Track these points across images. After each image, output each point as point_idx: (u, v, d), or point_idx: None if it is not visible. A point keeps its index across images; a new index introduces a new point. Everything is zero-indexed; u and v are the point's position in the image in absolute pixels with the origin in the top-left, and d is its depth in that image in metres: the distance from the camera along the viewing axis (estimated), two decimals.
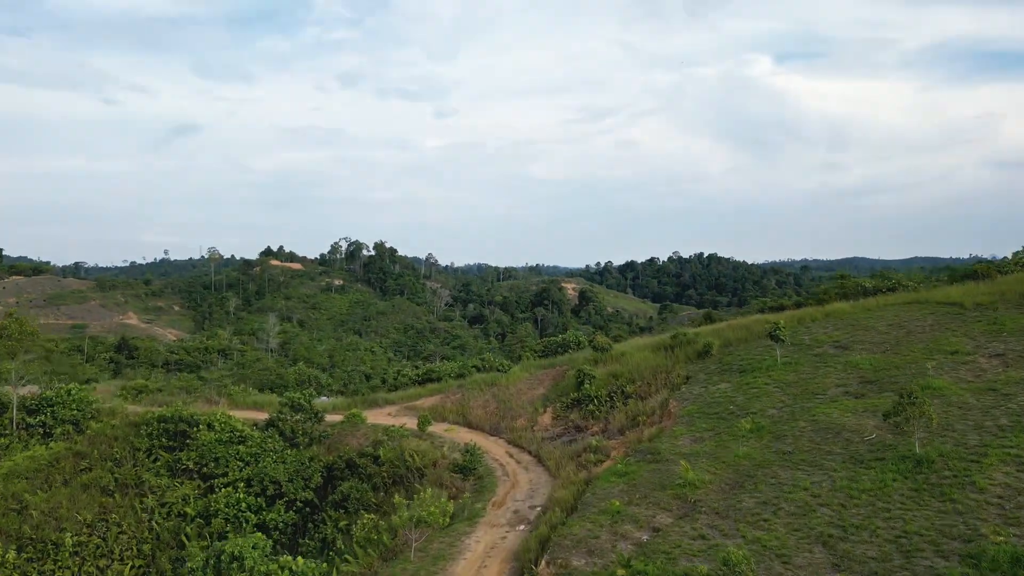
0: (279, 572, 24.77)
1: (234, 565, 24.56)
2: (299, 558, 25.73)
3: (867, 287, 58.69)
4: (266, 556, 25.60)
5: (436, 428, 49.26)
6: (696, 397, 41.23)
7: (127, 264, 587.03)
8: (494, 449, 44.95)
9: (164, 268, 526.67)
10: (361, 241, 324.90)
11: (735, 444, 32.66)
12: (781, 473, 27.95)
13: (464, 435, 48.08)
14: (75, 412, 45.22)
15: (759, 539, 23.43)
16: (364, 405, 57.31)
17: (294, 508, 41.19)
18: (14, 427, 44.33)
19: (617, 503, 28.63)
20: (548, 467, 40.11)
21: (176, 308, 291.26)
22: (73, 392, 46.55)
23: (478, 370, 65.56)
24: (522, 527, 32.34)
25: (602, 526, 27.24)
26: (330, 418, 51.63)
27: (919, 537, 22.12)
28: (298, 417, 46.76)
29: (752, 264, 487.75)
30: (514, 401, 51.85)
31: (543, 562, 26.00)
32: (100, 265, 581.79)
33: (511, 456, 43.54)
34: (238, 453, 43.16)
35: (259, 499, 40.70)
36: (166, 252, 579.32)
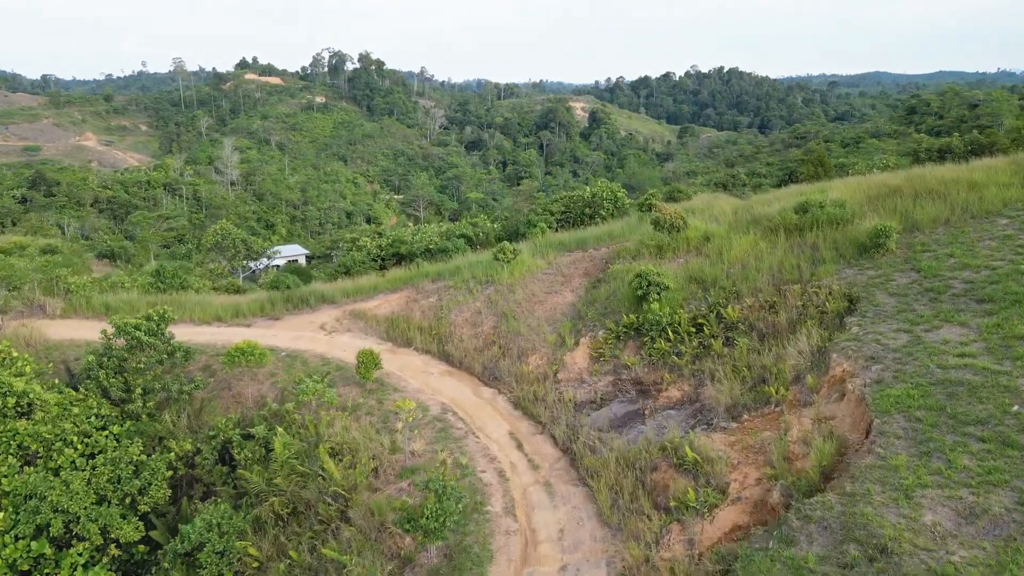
0: None
1: None
2: None
3: None
4: None
5: (393, 363, 29.08)
6: (896, 355, 20.23)
7: (104, 78, 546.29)
8: (487, 424, 24.86)
9: (142, 82, 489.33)
10: (344, 52, 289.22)
11: None
12: None
13: (437, 384, 27.87)
14: None
15: None
16: (288, 305, 36.73)
17: (106, 557, 21.75)
18: None
19: None
20: (595, 496, 20.22)
21: (143, 128, 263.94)
22: None
23: (468, 243, 44.34)
24: None
25: None
26: (215, 336, 31.26)
27: None
28: (140, 360, 26.12)
29: (775, 80, 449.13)
30: (523, 315, 31.06)
31: None
32: (78, 78, 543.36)
33: (518, 444, 23.54)
34: (12, 439, 23.02)
35: (37, 542, 21.15)
36: (144, 64, 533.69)
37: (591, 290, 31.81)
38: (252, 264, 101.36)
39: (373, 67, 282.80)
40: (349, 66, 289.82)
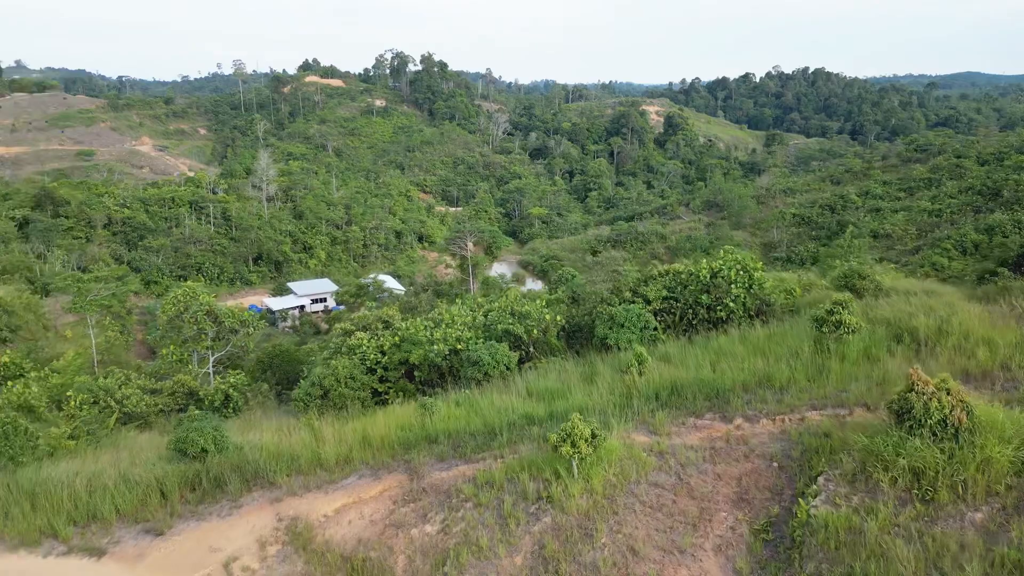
0: None
1: None
2: None
3: None
4: None
5: None
6: None
7: (180, 79, 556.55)
8: None
9: (215, 83, 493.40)
10: (407, 53, 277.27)
11: None
12: None
13: None
14: None
15: None
16: (191, 492, 20.96)
17: None
18: None
19: None
20: None
21: (202, 132, 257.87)
22: None
23: (515, 345, 28.04)
24: None
25: None
26: None
27: None
28: None
29: (867, 80, 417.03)
30: None
31: None
32: (158, 79, 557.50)
33: None
34: None
35: None
36: (218, 66, 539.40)
37: (758, 551, 14.73)
38: (269, 305, 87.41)
39: (436, 69, 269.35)
40: (412, 68, 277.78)
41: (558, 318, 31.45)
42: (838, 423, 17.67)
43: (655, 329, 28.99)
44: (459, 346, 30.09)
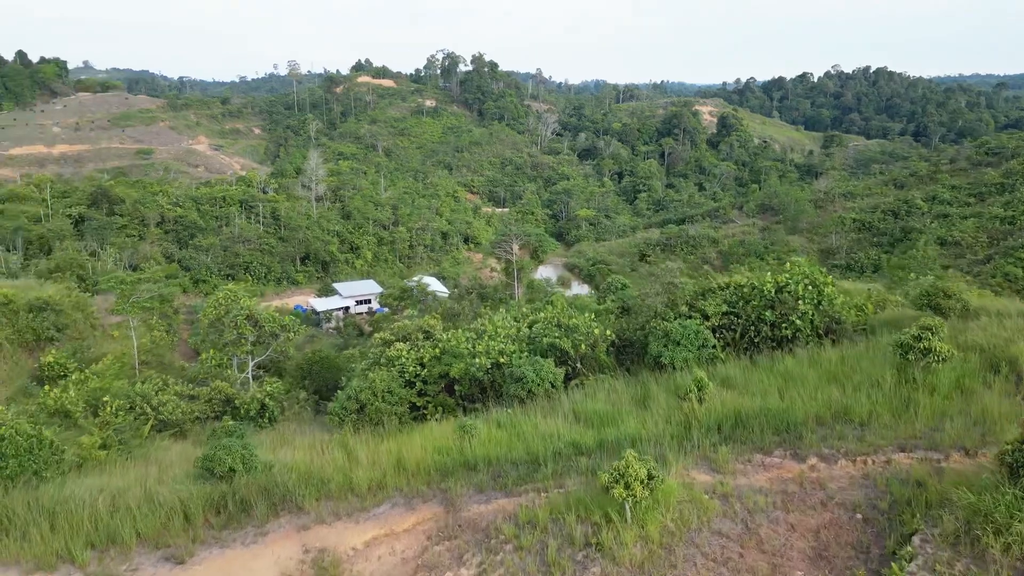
0: None
1: None
2: None
3: None
4: None
5: None
6: None
7: (238, 80, 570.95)
8: None
9: (271, 84, 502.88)
10: (457, 54, 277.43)
11: None
12: None
13: None
14: None
15: None
16: (216, 516, 19.80)
17: None
18: None
19: None
20: None
21: (256, 131, 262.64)
22: None
23: (561, 360, 26.23)
24: None
25: None
26: None
27: None
28: None
29: (931, 80, 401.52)
30: None
31: None
32: (217, 79, 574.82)
33: None
34: None
35: None
36: (275, 67, 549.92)
37: None
38: (314, 305, 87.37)
39: (486, 69, 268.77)
40: (462, 68, 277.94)
41: (608, 332, 29.52)
42: (932, 470, 15.43)
43: (713, 347, 26.89)
44: (502, 360, 28.47)
